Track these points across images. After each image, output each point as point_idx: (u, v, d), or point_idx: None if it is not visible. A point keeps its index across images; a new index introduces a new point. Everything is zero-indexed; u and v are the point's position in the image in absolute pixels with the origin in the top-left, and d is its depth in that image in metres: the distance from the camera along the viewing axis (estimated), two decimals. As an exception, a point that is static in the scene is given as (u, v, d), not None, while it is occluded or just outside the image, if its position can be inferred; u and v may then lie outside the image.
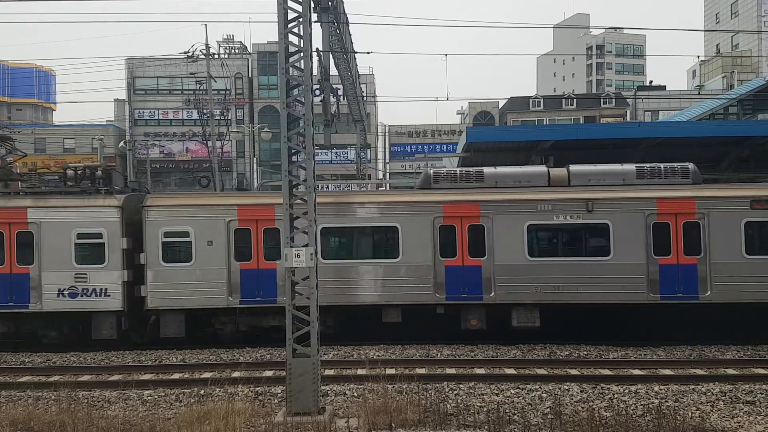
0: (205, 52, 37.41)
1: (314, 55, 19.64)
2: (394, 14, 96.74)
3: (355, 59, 30.19)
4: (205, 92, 42.07)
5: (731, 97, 36.69)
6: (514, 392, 11.25)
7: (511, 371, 12.70)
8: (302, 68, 9.87)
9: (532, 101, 67.55)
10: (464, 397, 10.95)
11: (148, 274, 15.44)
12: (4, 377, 13.06)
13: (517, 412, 9.97)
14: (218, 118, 43.04)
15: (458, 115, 76.42)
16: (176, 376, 12.96)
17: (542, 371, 12.73)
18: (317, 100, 18.87)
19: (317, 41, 20.14)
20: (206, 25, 47.41)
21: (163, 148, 56.48)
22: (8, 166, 18.15)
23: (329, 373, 12.41)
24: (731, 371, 12.57)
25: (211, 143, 39.19)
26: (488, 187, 15.79)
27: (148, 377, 12.89)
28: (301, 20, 9.65)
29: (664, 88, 66.19)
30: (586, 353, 14.38)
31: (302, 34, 9.68)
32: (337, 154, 56.40)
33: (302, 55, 9.77)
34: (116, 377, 12.99)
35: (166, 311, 15.55)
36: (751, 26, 66.19)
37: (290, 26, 9.68)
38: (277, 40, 9.71)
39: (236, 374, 12.24)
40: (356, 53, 29.28)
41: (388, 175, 61.22)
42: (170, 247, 15.51)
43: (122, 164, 57.11)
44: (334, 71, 26.77)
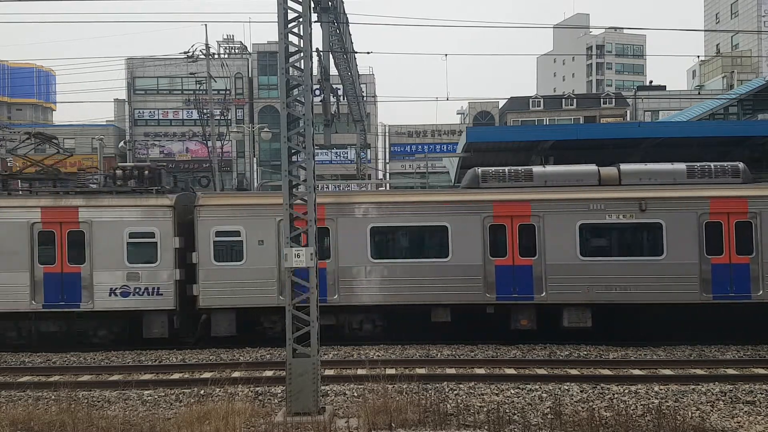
0: (205, 52, 37.44)
1: (314, 55, 19.64)
2: (394, 14, 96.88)
3: (355, 59, 30.21)
4: (205, 92, 42.10)
5: (731, 97, 36.71)
6: (514, 392, 11.25)
7: (511, 371, 12.70)
8: (302, 68, 9.87)
9: (532, 101, 67.55)
10: (464, 397, 10.95)
11: (199, 273, 15.44)
12: (4, 377, 13.05)
13: (517, 412, 9.97)
14: (218, 118, 43.06)
15: (458, 115, 76.41)
16: (176, 376, 12.96)
17: (542, 371, 12.73)
18: (317, 100, 18.90)
19: (317, 41, 20.17)
20: (206, 25, 47.44)
21: (163, 148, 56.50)
22: (53, 165, 18.20)
23: (329, 373, 12.41)
24: (731, 371, 12.57)
25: (211, 143, 39.23)
26: (538, 186, 15.70)
27: (148, 377, 12.89)
28: (301, 20, 9.65)
29: (664, 88, 66.20)
30: (586, 353, 14.38)
31: (302, 34, 9.69)
32: (337, 154, 56.43)
33: (302, 55, 9.77)
34: (116, 377, 12.99)
35: (217, 310, 15.52)
36: (751, 26, 66.20)
37: (290, 26, 9.68)
38: (277, 40, 9.71)
39: (236, 374, 12.25)
40: (356, 53, 29.31)
41: (388, 175, 61.25)
42: (221, 246, 15.48)
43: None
44: (334, 71, 26.79)
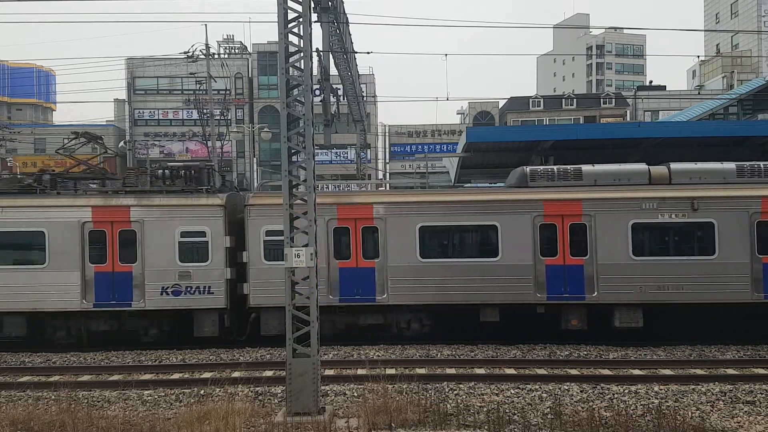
0: (205, 52, 37.45)
1: (314, 55, 19.63)
2: (394, 14, 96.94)
3: (355, 59, 30.20)
4: (205, 92, 42.10)
5: (731, 97, 36.69)
6: (514, 392, 11.25)
7: (511, 371, 12.70)
8: (302, 68, 9.86)
9: (532, 101, 67.61)
10: (464, 397, 10.95)
11: (250, 272, 15.45)
12: (4, 377, 13.05)
13: (517, 412, 9.97)
14: (218, 118, 43.06)
15: (458, 115, 76.48)
16: (176, 376, 12.96)
17: (542, 371, 12.73)
18: (317, 100, 18.87)
19: (317, 41, 20.16)
20: (206, 25, 47.46)
21: (163, 148, 56.54)
22: (101, 164, 18.20)
23: (329, 373, 12.42)
24: (731, 371, 12.57)
25: (211, 143, 39.24)
26: (587, 185, 15.62)
27: (148, 377, 12.89)
28: (301, 20, 9.65)
29: (664, 88, 66.28)
30: (586, 353, 14.38)
31: (302, 34, 9.69)
32: (337, 154, 56.47)
33: (302, 55, 9.77)
34: (116, 377, 12.99)
35: (267, 309, 15.50)
36: (751, 26, 66.24)
37: (290, 26, 9.68)
38: (277, 40, 9.71)
39: (236, 374, 12.26)
40: (356, 53, 29.30)
41: (388, 175, 61.27)
42: (272, 245, 15.41)
43: (122, 164, 57.16)
44: (334, 71, 26.78)
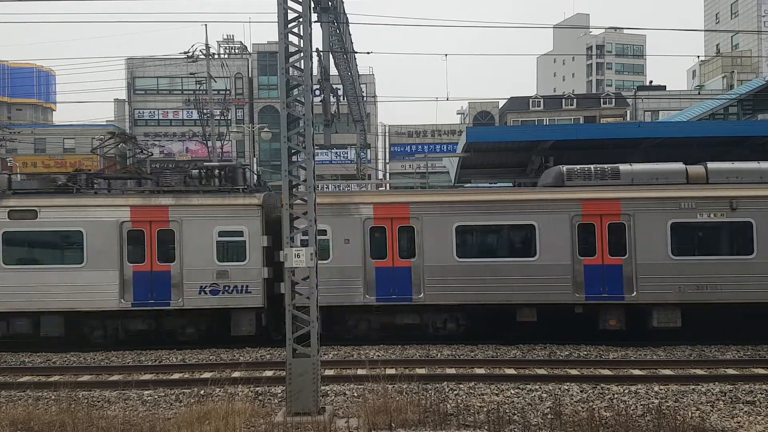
0: (205, 52, 37.47)
1: (314, 55, 19.64)
2: (394, 14, 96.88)
3: (355, 59, 30.22)
4: (205, 92, 42.12)
5: (731, 97, 36.70)
6: (514, 392, 11.24)
7: (511, 371, 12.69)
8: (302, 68, 9.86)
9: (532, 101, 67.61)
10: (464, 397, 10.94)
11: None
12: (4, 377, 13.04)
13: (517, 412, 9.96)
14: (218, 118, 43.06)
15: (458, 115, 76.50)
16: (176, 376, 12.95)
17: (542, 371, 12.72)
18: (317, 100, 18.90)
19: (317, 41, 20.20)
20: (206, 25, 47.29)
21: (163, 148, 56.53)
22: (137, 162, 18.22)
23: (329, 373, 12.41)
24: (731, 371, 12.56)
25: (211, 143, 39.24)
26: (624, 184, 15.56)
27: (148, 377, 12.88)
28: (301, 20, 9.65)
29: (664, 88, 66.29)
30: (586, 353, 14.38)
31: (302, 34, 9.68)
32: (337, 154, 56.47)
33: (302, 55, 9.76)
34: (116, 377, 12.98)
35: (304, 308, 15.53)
36: (751, 26, 66.26)
37: (290, 26, 9.68)
38: (277, 40, 9.71)
39: (236, 374, 12.25)
40: (356, 53, 29.32)
41: (388, 175, 61.28)
42: None
43: (122, 164, 57.15)
44: (334, 71, 26.81)
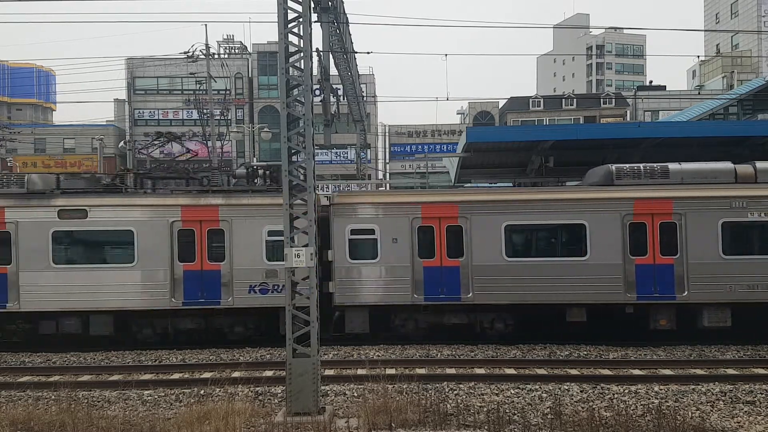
0: (205, 52, 37.46)
1: (314, 55, 19.64)
2: (394, 14, 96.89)
3: (355, 59, 30.20)
4: (205, 92, 42.11)
5: (731, 97, 36.69)
6: (514, 392, 11.25)
7: (511, 371, 12.70)
8: (302, 68, 9.86)
9: (532, 101, 67.61)
10: (464, 397, 10.95)
11: (335, 270, 15.48)
12: (4, 377, 13.04)
13: (517, 412, 9.97)
14: (218, 118, 43.04)
15: (458, 115, 76.47)
16: (176, 376, 12.95)
17: (542, 371, 12.73)
18: (317, 100, 18.89)
19: (317, 41, 20.17)
20: (206, 25, 47.34)
21: (163, 148, 56.40)
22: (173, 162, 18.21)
23: (329, 373, 12.41)
24: (731, 371, 12.57)
25: (211, 143, 39.23)
26: (674, 183, 15.49)
27: (148, 377, 12.88)
28: (301, 20, 9.65)
29: (664, 88, 66.28)
30: (586, 353, 14.38)
31: (302, 34, 9.68)
32: (337, 154, 56.44)
33: (302, 55, 9.76)
34: (116, 377, 12.98)
35: (351, 307, 15.57)
36: (751, 26, 66.25)
37: (290, 26, 9.68)
38: (277, 40, 9.71)
39: (236, 374, 12.24)
40: (356, 53, 29.30)
41: (388, 175, 61.27)
42: (356, 244, 15.52)
43: (122, 164, 57.14)
44: (334, 71, 26.78)
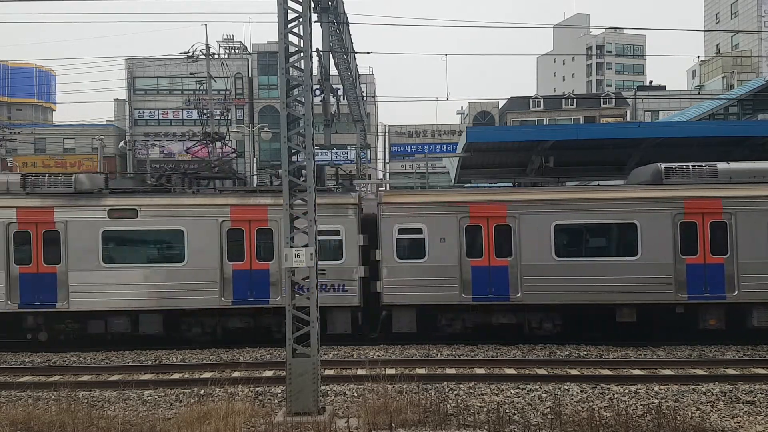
0: (205, 52, 37.45)
1: (314, 55, 19.65)
2: (394, 14, 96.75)
3: (355, 59, 30.22)
4: (205, 92, 42.09)
5: (731, 97, 36.70)
6: (514, 392, 11.25)
7: (511, 371, 12.71)
8: (302, 68, 9.87)
9: (532, 101, 67.57)
10: (464, 397, 10.95)
11: (383, 270, 15.44)
12: (4, 377, 13.05)
13: (517, 412, 9.97)
14: (218, 118, 43.04)
15: (458, 115, 76.43)
16: (176, 376, 12.96)
17: (542, 371, 12.73)
18: (317, 100, 18.92)
19: (317, 41, 20.19)
20: (206, 25, 47.16)
21: (163, 148, 56.50)
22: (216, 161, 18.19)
23: (329, 373, 12.41)
24: (731, 371, 12.58)
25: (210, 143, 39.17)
26: (723, 182, 15.42)
27: (148, 377, 12.89)
28: (301, 20, 9.65)
29: (664, 88, 66.25)
30: (586, 353, 14.38)
31: (302, 34, 9.69)
32: (337, 154, 56.40)
33: (302, 55, 9.77)
34: (116, 377, 12.99)
35: (399, 307, 15.52)
36: (751, 26, 66.22)
37: (290, 26, 9.68)
38: (277, 40, 9.71)
39: (236, 374, 12.25)
40: (356, 53, 29.32)
41: (388, 175, 61.25)
42: (404, 243, 15.50)
43: (122, 164, 57.17)
44: (334, 71, 26.81)
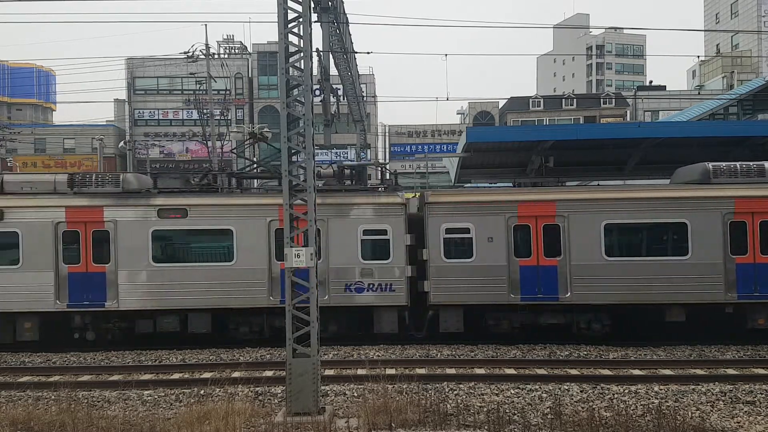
0: (205, 52, 37.49)
1: (314, 55, 19.64)
2: (394, 14, 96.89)
3: (355, 59, 30.20)
4: (205, 92, 42.14)
5: (731, 97, 36.69)
6: (514, 392, 11.25)
7: (511, 371, 12.70)
8: (302, 68, 9.87)
9: (532, 101, 67.61)
10: (464, 397, 10.95)
11: (430, 269, 15.38)
12: (4, 377, 13.04)
13: (517, 412, 9.97)
14: (218, 118, 43.07)
15: (458, 115, 76.45)
16: (176, 376, 12.95)
17: (542, 371, 12.73)
18: (317, 100, 18.88)
19: (317, 41, 20.15)
20: (206, 25, 47.30)
21: (163, 148, 56.54)
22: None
23: (329, 373, 12.41)
24: (731, 371, 12.57)
25: (211, 143, 39.24)
26: None
27: (148, 377, 12.88)
28: (301, 20, 9.65)
29: (664, 88, 66.32)
30: (586, 353, 14.37)
31: (302, 34, 9.69)
32: (337, 154, 56.42)
33: (302, 55, 9.76)
34: (116, 377, 12.98)
35: (446, 306, 15.46)
36: (751, 26, 66.26)
37: (290, 26, 9.68)
38: (277, 40, 9.71)
39: (236, 374, 12.24)
40: (356, 53, 29.30)
41: (387, 174, 61.20)
42: (451, 243, 15.45)
43: (122, 164, 57.16)
44: (334, 71, 26.77)
